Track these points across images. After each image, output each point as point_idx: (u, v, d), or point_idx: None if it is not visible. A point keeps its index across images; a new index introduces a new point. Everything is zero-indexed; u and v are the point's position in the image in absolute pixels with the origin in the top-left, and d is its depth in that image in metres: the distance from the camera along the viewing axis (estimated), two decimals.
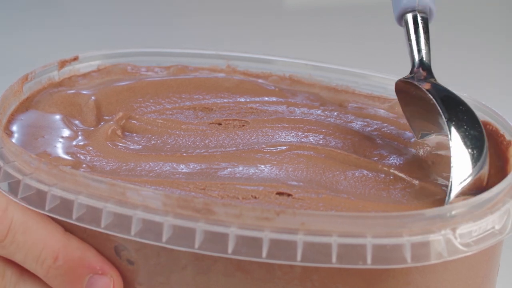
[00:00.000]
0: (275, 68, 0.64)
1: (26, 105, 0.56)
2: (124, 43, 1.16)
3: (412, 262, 0.42)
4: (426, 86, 0.51)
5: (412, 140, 0.55)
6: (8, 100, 0.55)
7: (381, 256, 0.42)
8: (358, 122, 0.57)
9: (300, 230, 0.42)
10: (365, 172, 0.51)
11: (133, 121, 0.56)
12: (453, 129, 0.48)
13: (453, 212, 0.43)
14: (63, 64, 0.60)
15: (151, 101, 0.59)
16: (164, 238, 0.43)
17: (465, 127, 0.48)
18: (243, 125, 0.56)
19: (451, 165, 0.47)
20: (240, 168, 0.50)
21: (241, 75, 0.63)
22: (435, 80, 0.53)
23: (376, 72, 0.62)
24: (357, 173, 0.51)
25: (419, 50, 0.54)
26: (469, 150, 0.48)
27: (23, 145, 0.51)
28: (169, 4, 1.42)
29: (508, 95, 1.13)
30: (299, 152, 0.52)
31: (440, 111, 0.49)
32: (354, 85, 0.61)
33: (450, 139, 0.48)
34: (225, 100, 0.60)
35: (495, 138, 0.53)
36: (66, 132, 0.54)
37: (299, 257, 0.42)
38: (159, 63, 0.64)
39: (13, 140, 0.52)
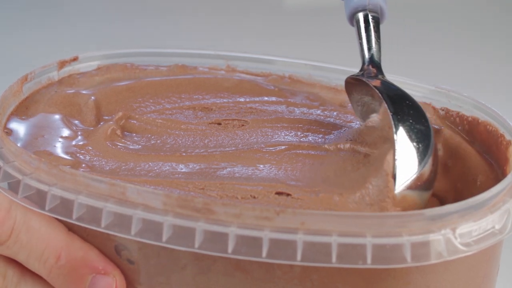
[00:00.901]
0: (275, 68, 0.64)
1: (25, 105, 0.56)
2: (124, 43, 1.16)
3: (412, 261, 0.42)
4: (375, 83, 0.52)
5: None
6: (8, 100, 0.55)
7: (381, 256, 0.42)
8: (358, 122, 0.57)
9: (300, 229, 0.42)
10: (363, 171, 0.51)
11: (132, 121, 0.56)
12: (397, 123, 0.48)
13: (453, 212, 0.43)
14: (62, 64, 0.60)
15: (151, 101, 0.59)
16: (164, 238, 0.43)
17: (411, 121, 0.49)
18: (243, 125, 0.56)
19: (395, 158, 0.47)
20: (239, 168, 0.50)
21: (240, 75, 0.63)
22: (384, 77, 0.53)
23: None
24: (356, 173, 0.51)
25: (369, 48, 0.54)
26: (414, 144, 0.48)
27: (23, 145, 0.51)
28: (169, 4, 1.42)
29: (508, 95, 1.13)
30: (298, 151, 0.53)
31: (386, 105, 0.49)
32: None
33: (395, 132, 0.48)
34: (224, 100, 0.60)
35: (495, 138, 0.53)
36: (65, 132, 0.54)
37: (299, 257, 0.42)
38: (159, 63, 0.64)
39: (13, 140, 0.52)
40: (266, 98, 0.60)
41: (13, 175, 0.47)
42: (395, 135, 0.48)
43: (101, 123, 0.55)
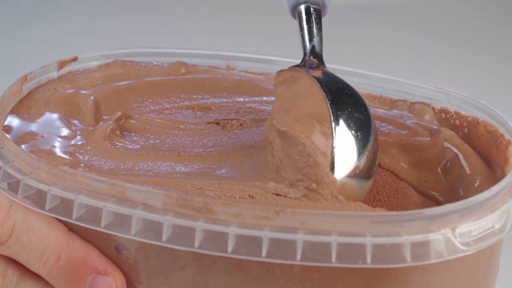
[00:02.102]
0: (275, 68, 0.64)
1: (25, 105, 0.56)
2: (124, 43, 1.16)
3: (411, 261, 0.42)
4: (316, 73, 0.52)
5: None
6: (8, 100, 0.55)
7: (381, 256, 0.42)
8: None
9: (300, 229, 0.42)
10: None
11: (131, 121, 0.56)
12: (335, 111, 0.49)
13: (452, 212, 0.43)
14: (62, 64, 0.60)
15: (150, 100, 0.59)
16: (164, 238, 0.43)
17: (349, 109, 0.49)
18: (241, 125, 0.56)
19: (333, 145, 0.47)
20: (238, 168, 0.50)
21: (240, 75, 0.63)
22: (325, 67, 0.54)
23: (375, 72, 0.62)
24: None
25: (310, 40, 0.55)
26: (353, 132, 0.49)
27: (22, 144, 0.51)
28: (169, 4, 1.42)
29: (508, 95, 1.13)
30: None
31: (324, 94, 0.50)
32: (354, 85, 0.61)
33: (333, 121, 0.48)
34: (223, 100, 0.60)
35: (495, 137, 0.53)
36: (65, 132, 0.54)
37: (298, 257, 0.42)
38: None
39: (13, 140, 0.52)
40: (265, 98, 0.60)
41: (13, 175, 0.47)
42: (333, 123, 0.48)
43: (100, 123, 0.55)
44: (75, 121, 0.56)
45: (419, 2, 1.46)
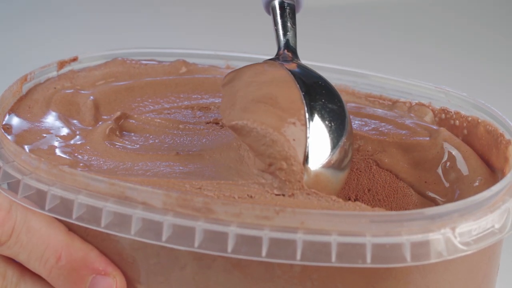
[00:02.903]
0: None
1: (24, 104, 0.56)
2: (124, 43, 1.16)
3: (411, 261, 0.42)
4: (290, 66, 0.53)
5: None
6: (8, 101, 0.55)
7: (381, 255, 0.42)
8: (356, 122, 0.57)
9: (300, 229, 0.42)
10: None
11: (131, 121, 0.56)
12: (309, 102, 0.49)
13: (452, 211, 0.43)
14: (62, 64, 0.60)
15: (150, 100, 0.59)
16: (164, 237, 0.43)
17: (323, 101, 0.50)
18: None
19: (307, 135, 0.48)
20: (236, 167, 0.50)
21: None
22: (299, 61, 0.54)
23: (375, 72, 0.62)
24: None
25: (284, 34, 0.55)
26: (327, 123, 0.49)
27: (22, 144, 0.51)
28: (168, 4, 1.42)
29: (508, 95, 1.13)
30: None
31: (298, 86, 0.50)
32: (353, 84, 0.61)
33: (307, 111, 0.48)
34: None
35: (495, 137, 0.53)
36: (64, 132, 0.54)
37: (298, 256, 0.42)
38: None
39: (12, 140, 0.51)
40: None
41: (13, 175, 0.47)
42: (306, 114, 0.48)
43: (100, 123, 0.55)
44: (75, 121, 0.56)
45: (419, 2, 1.46)
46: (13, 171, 0.47)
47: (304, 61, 0.63)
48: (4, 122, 0.53)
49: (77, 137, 0.54)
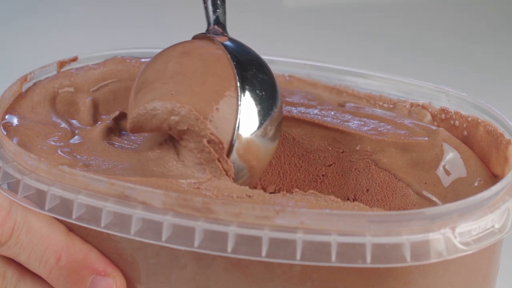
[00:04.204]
0: (275, 68, 0.64)
1: (24, 104, 0.56)
2: (124, 43, 1.16)
3: (411, 261, 0.42)
4: (221, 39, 0.54)
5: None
6: (7, 101, 0.55)
7: (381, 255, 0.42)
8: (355, 122, 0.57)
9: (300, 228, 0.42)
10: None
11: None
12: (239, 72, 0.50)
13: (452, 211, 0.43)
14: (62, 64, 0.60)
15: None
16: (164, 237, 0.43)
17: (254, 71, 0.51)
18: None
19: (239, 103, 0.49)
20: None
21: None
22: (229, 35, 0.56)
23: (375, 72, 0.62)
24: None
25: (214, 11, 0.57)
26: (257, 91, 0.50)
27: (21, 144, 0.51)
28: (168, 4, 1.42)
29: (508, 95, 1.13)
30: None
31: (230, 57, 0.51)
32: (353, 85, 0.61)
33: (238, 80, 0.49)
34: None
35: (495, 137, 0.53)
36: (63, 131, 0.54)
37: (298, 256, 0.42)
38: None
39: (12, 140, 0.51)
40: None
41: (12, 175, 0.47)
42: (238, 83, 0.49)
43: (99, 123, 0.55)
44: (74, 121, 0.56)
45: (419, 2, 1.46)
46: (13, 171, 0.47)
47: (304, 61, 0.64)
48: (3, 122, 0.53)
49: (76, 136, 0.54)
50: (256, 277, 0.44)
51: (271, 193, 0.48)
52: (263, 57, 0.64)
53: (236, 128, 0.48)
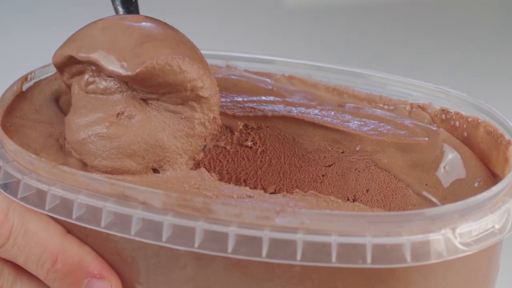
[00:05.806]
0: (275, 68, 0.64)
1: (24, 104, 0.56)
2: None
3: (412, 261, 0.42)
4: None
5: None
6: (8, 101, 0.55)
7: (381, 256, 0.42)
8: (355, 122, 0.57)
9: (300, 229, 0.42)
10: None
11: None
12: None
13: (453, 212, 0.43)
14: None
15: None
16: (164, 237, 0.43)
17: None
18: None
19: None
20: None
21: (240, 75, 0.63)
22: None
23: (375, 72, 0.62)
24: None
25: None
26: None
27: (21, 144, 0.51)
28: (168, 3, 1.42)
29: (508, 95, 1.13)
30: None
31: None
32: (353, 85, 0.61)
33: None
34: (222, 100, 0.60)
35: (495, 138, 0.53)
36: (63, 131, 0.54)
37: (298, 256, 0.42)
38: None
39: (12, 139, 0.51)
40: (264, 98, 0.60)
41: (13, 175, 0.47)
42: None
43: None
44: None
45: (419, 2, 1.46)
46: (13, 171, 0.47)
47: (303, 61, 0.63)
48: (4, 122, 0.53)
49: None
50: (256, 277, 0.44)
51: (271, 193, 0.48)
52: (263, 57, 0.64)
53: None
